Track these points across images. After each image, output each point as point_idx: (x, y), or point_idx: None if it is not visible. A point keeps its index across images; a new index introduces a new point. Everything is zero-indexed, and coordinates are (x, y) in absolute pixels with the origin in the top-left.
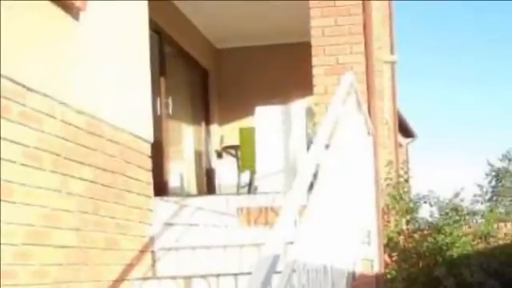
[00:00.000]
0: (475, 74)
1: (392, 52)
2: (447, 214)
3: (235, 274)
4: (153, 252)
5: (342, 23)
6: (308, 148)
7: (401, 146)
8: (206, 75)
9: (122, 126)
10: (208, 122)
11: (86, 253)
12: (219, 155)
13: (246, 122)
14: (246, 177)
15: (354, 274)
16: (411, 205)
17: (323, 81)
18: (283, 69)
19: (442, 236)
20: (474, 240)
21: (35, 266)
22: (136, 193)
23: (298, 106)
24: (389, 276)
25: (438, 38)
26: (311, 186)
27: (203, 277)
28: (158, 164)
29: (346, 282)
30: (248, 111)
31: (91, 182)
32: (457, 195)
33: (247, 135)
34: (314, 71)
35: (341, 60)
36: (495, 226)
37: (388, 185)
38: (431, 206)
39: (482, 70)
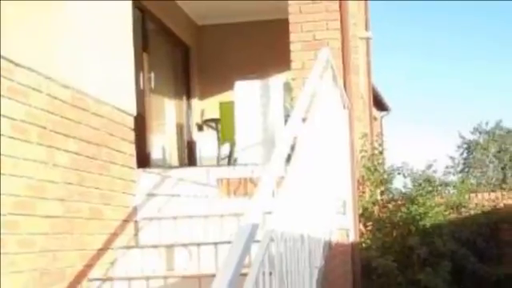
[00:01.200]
0: (449, 50)
1: (367, 28)
2: (420, 184)
3: (215, 243)
4: (136, 222)
5: (318, 0)
6: (286, 121)
7: (375, 119)
8: (188, 51)
9: (105, 99)
10: (189, 96)
11: (71, 222)
12: (200, 128)
13: (225, 96)
14: (225, 149)
15: (330, 243)
16: (385, 176)
17: (300, 56)
18: (262, 45)
19: (416, 206)
20: (446, 210)
21: (23, 235)
22: (119, 164)
23: (277, 80)
24: (364, 245)
25: (413, 14)
26: (289, 158)
27: (184, 245)
28: (140, 136)
29: (323, 251)
30: (228, 86)
31: (76, 153)
32: (429, 167)
33: (227, 109)
34: (292, 47)
35: (317, 36)
36: (466, 196)
37: (363, 157)
38: (405, 177)
39: (456, 45)
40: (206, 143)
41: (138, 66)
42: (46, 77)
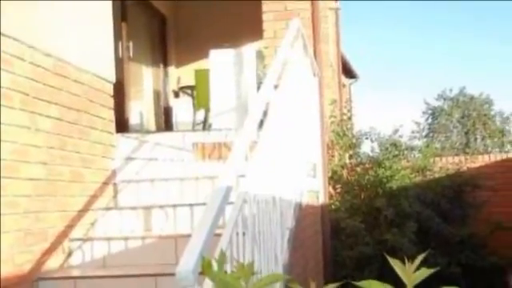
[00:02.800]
0: (412, 19)
1: None
2: (387, 149)
3: (191, 205)
4: (115, 184)
5: None
6: (258, 88)
7: (344, 86)
8: (165, 21)
9: (86, 67)
10: (166, 65)
11: (53, 185)
12: (176, 95)
13: (201, 65)
14: (201, 115)
15: (300, 205)
16: (354, 141)
17: (272, 26)
18: (236, 15)
19: (383, 169)
20: (411, 173)
21: (8, 196)
22: (99, 129)
23: (250, 49)
24: (333, 206)
25: None
26: (261, 124)
27: (161, 207)
28: (119, 103)
29: (294, 212)
30: (203, 54)
31: (58, 119)
32: (396, 132)
33: (202, 76)
34: (264, 17)
35: (289, 7)
36: (431, 160)
37: (332, 122)
38: (372, 141)
39: (419, 14)
40: (182, 109)
41: (117, 36)
42: (28, 46)
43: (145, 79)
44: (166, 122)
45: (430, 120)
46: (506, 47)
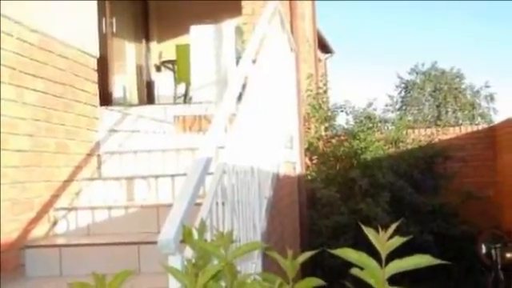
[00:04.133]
0: None
1: None
2: (361, 121)
3: (172, 175)
4: (99, 155)
5: None
6: (237, 63)
7: (320, 60)
8: None
9: (70, 42)
10: (148, 40)
11: (39, 156)
12: (158, 69)
13: (182, 40)
14: (181, 88)
15: (278, 175)
16: (329, 113)
17: (251, 3)
18: None
19: (357, 141)
20: (385, 145)
21: None
22: (83, 103)
23: (229, 25)
24: (309, 177)
25: None
26: (240, 97)
27: (144, 178)
28: (103, 77)
29: (271, 182)
30: (184, 30)
31: (43, 92)
32: (370, 105)
33: (183, 51)
34: None
35: None
36: (404, 132)
37: (309, 95)
38: (347, 114)
39: None
40: (164, 83)
41: (101, 12)
42: (15, 22)
43: (127, 54)
44: (148, 95)
45: (402, 93)
46: (476, 23)
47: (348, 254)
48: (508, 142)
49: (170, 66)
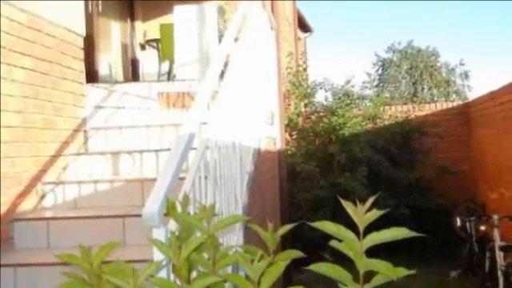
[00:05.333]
0: None
1: None
2: (340, 98)
3: (156, 150)
4: (85, 131)
5: None
6: (219, 41)
7: (299, 39)
8: None
9: (57, 21)
10: (133, 19)
11: (27, 132)
12: (142, 47)
13: (166, 19)
14: (165, 66)
15: (259, 150)
16: (309, 90)
17: None
18: None
19: (336, 117)
20: (363, 121)
21: None
22: (70, 80)
23: (211, 5)
24: (289, 152)
25: None
26: (222, 75)
27: (129, 153)
28: (89, 55)
29: (253, 157)
30: (168, 10)
31: (31, 70)
32: (348, 82)
33: (167, 30)
34: None
35: None
36: (381, 108)
37: (289, 73)
38: (326, 91)
39: None
40: (148, 61)
41: None
42: (5, 2)
43: (113, 33)
44: (133, 73)
45: (380, 71)
46: (452, 2)
47: (327, 226)
48: (482, 118)
49: (155, 44)
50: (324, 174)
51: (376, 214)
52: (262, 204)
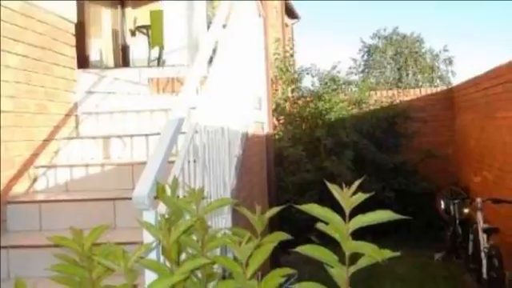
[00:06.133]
0: None
1: None
2: (326, 83)
3: (146, 135)
4: (76, 116)
5: None
6: (208, 28)
7: (287, 25)
8: None
9: (49, 8)
10: (123, 6)
11: (20, 117)
12: (133, 34)
13: (155, 6)
14: (155, 52)
15: (247, 135)
16: (296, 76)
17: None
18: None
19: (322, 102)
20: (349, 106)
21: None
22: (62, 65)
23: None
24: (277, 136)
25: None
26: (211, 60)
27: (119, 137)
28: (80, 41)
29: (241, 141)
30: None
31: (24, 56)
32: (334, 68)
33: (157, 16)
34: None
35: None
36: (367, 93)
37: (276, 59)
38: (313, 76)
39: None
40: (138, 47)
41: None
42: None
43: (104, 20)
44: (123, 58)
45: (365, 57)
46: None
47: (314, 209)
48: (465, 103)
49: (145, 30)
50: (311, 157)
51: (361, 197)
52: (249, 187)
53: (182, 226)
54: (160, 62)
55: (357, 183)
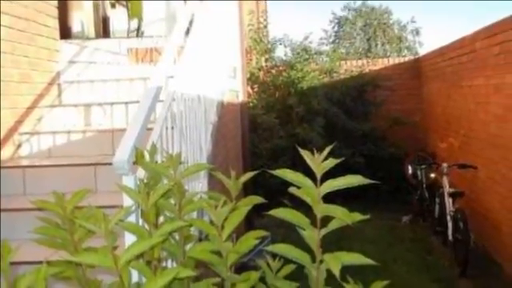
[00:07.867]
0: None
1: None
2: (298, 53)
3: (126, 103)
4: (59, 84)
5: None
6: (185, 0)
7: None
8: None
9: None
10: None
11: (5, 85)
12: (113, 6)
13: None
14: (134, 23)
15: (222, 103)
16: (269, 46)
17: None
18: None
19: (294, 71)
20: (320, 75)
21: None
22: (45, 36)
23: None
24: (251, 104)
25: None
26: (188, 32)
27: (100, 105)
28: (63, 13)
29: (216, 109)
30: None
31: (9, 27)
32: (306, 38)
33: None
34: None
35: None
36: (337, 63)
37: (250, 30)
38: (285, 47)
39: None
40: (118, 19)
41: None
42: None
43: None
44: (103, 29)
45: (336, 28)
46: None
47: (286, 174)
48: (432, 72)
49: (124, 3)
50: (283, 124)
51: (332, 162)
52: (225, 153)
53: (160, 190)
54: (139, 33)
55: (328, 149)
